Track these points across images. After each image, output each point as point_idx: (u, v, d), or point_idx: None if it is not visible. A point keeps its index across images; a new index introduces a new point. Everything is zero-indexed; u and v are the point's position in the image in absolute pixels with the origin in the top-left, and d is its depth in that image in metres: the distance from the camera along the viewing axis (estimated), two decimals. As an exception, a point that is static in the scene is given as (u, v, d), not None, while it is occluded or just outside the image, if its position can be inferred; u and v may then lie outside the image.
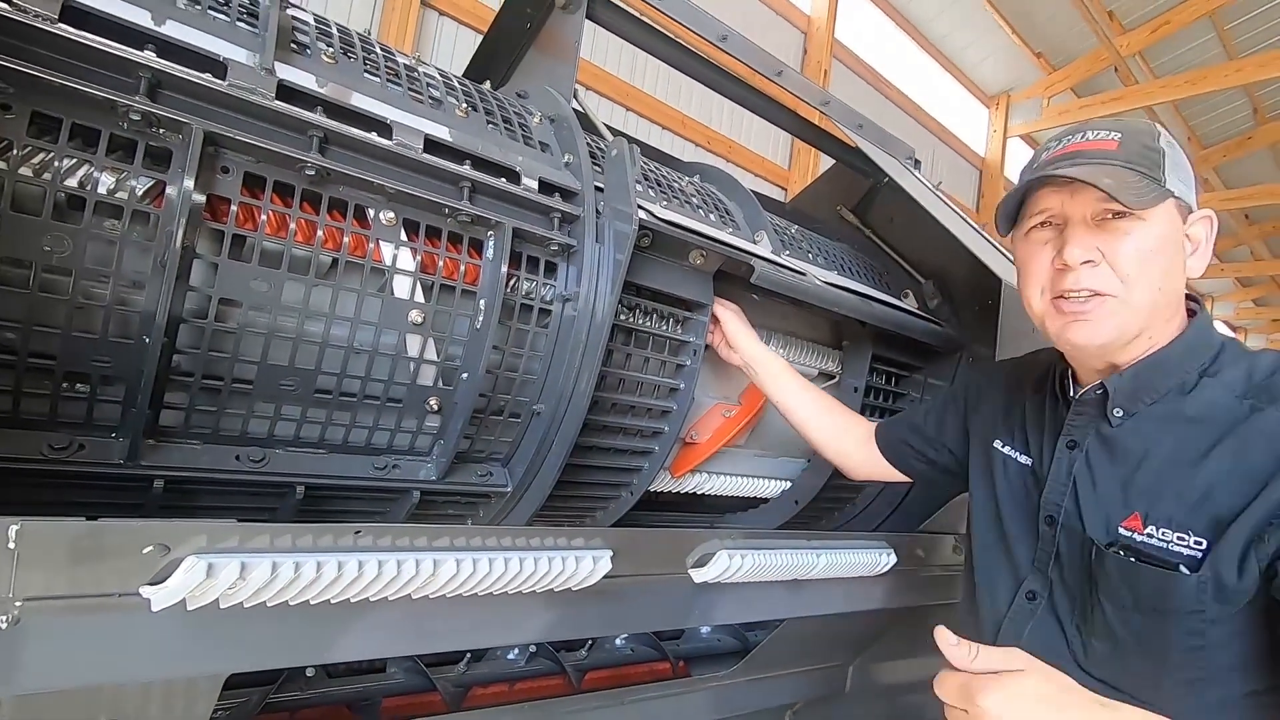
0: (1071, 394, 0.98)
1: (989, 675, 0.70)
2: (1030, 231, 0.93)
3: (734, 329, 1.35)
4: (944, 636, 0.73)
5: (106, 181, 0.78)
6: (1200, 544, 0.79)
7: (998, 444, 1.09)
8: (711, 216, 1.41)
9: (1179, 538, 0.81)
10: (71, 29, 0.71)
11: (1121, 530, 0.86)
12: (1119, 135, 0.86)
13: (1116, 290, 0.85)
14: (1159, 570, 0.81)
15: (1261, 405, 0.81)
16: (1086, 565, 0.90)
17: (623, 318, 1.18)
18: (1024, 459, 1.04)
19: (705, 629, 1.84)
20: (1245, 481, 0.77)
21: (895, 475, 1.34)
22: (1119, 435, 0.90)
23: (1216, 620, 0.78)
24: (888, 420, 1.37)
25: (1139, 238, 0.84)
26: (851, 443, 1.36)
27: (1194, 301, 0.93)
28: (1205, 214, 0.88)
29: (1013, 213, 0.94)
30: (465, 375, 1.02)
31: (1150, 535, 0.83)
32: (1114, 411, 0.91)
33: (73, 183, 0.76)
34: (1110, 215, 0.84)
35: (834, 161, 2.10)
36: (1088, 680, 0.83)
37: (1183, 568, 0.79)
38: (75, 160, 0.76)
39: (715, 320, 1.35)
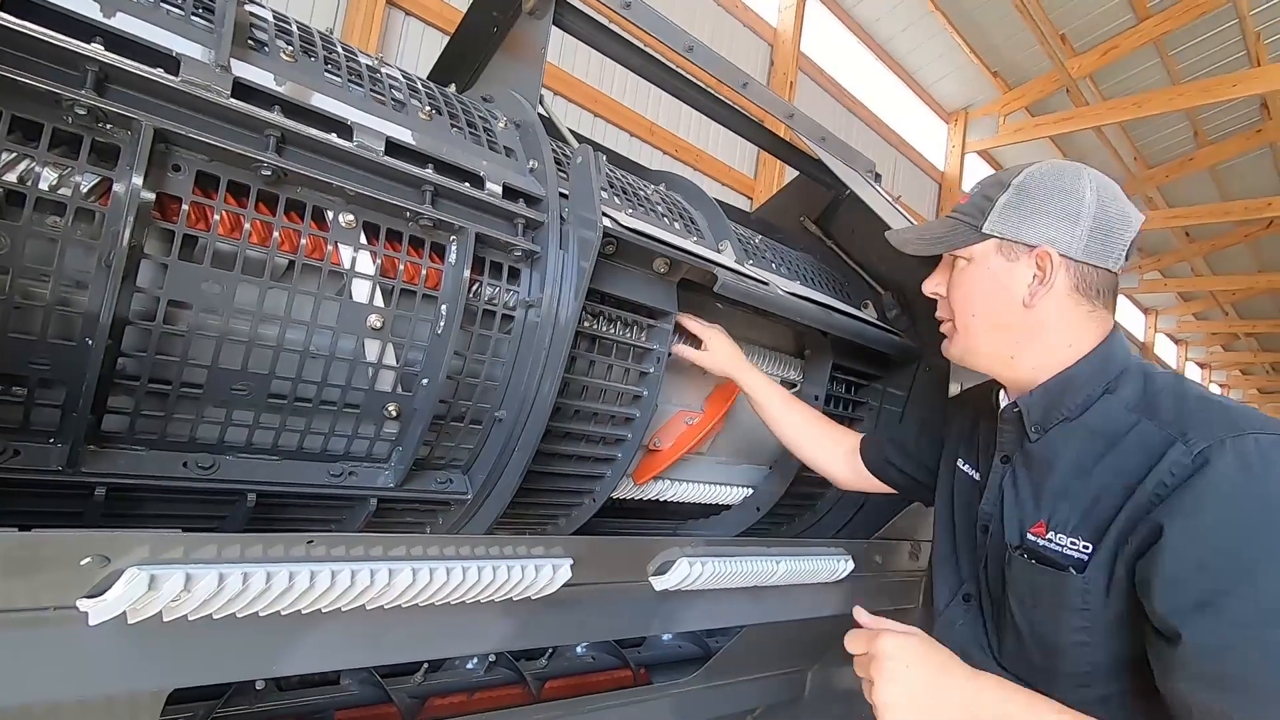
0: (999, 410, 1.04)
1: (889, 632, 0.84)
2: None
3: (718, 347, 1.37)
4: (859, 611, 0.91)
5: (49, 177, 0.75)
6: (1087, 548, 0.84)
7: (959, 462, 1.15)
8: (676, 225, 1.41)
9: (1071, 542, 0.86)
10: (13, 19, 0.69)
11: (1029, 535, 0.91)
12: (977, 189, 0.98)
13: (950, 318, 1.01)
14: (1053, 571, 0.87)
15: (1142, 417, 0.84)
16: (1000, 568, 0.97)
17: (586, 324, 1.18)
18: (975, 474, 1.10)
19: (666, 636, 1.85)
20: (1121, 488, 0.82)
21: (880, 487, 1.39)
22: (1036, 449, 0.95)
23: (1098, 620, 0.83)
24: (871, 437, 1.40)
25: (962, 276, 0.98)
26: (841, 457, 1.40)
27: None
28: (1041, 249, 0.91)
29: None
30: (425, 381, 1.01)
31: (1050, 540, 0.88)
32: (1031, 428, 0.95)
33: (12, 178, 0.73)
34: (953, 259, 1.00)
35: (798, 173, 2.13)
36: (1001, 673, 0.90)
37: (1072, 570, 0.85)
38: (15, 154, 0.73)
39: (692, 337, 1.38)
